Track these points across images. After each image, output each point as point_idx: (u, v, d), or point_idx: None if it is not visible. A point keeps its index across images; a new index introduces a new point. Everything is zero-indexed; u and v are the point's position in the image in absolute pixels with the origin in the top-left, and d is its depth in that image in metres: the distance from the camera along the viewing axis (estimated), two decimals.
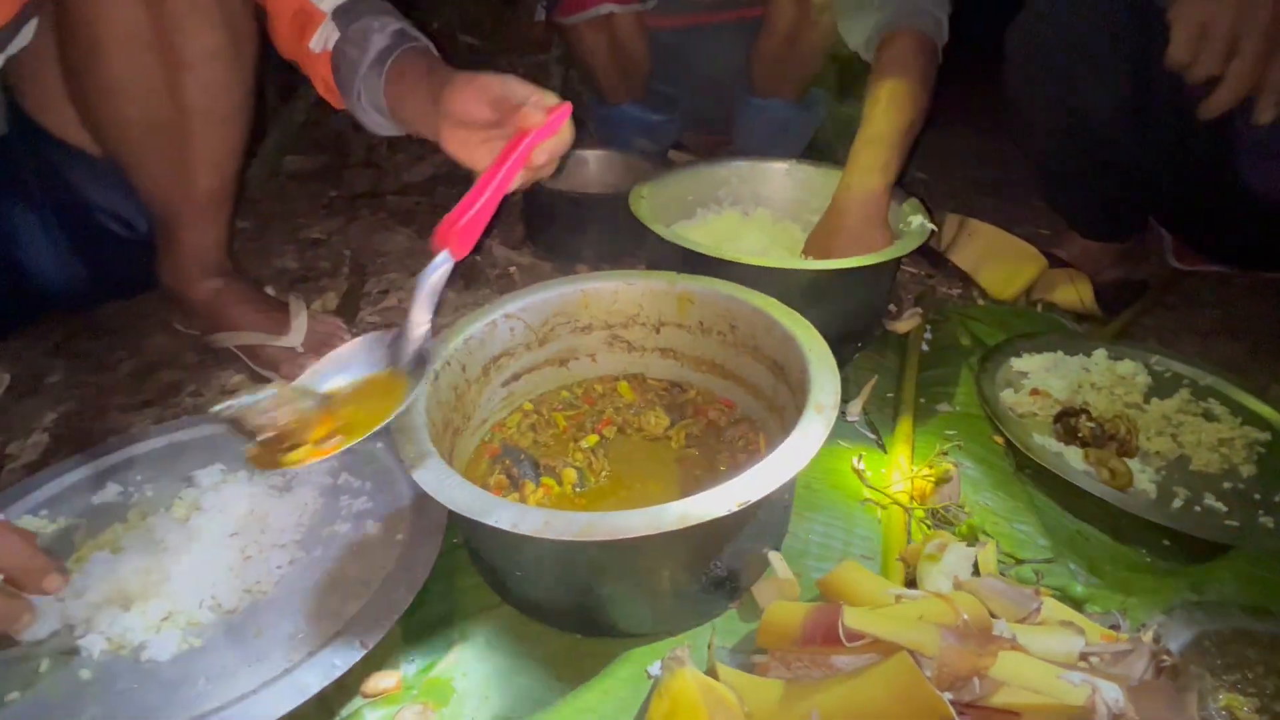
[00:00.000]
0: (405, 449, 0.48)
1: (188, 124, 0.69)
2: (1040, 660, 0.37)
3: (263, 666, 0.46)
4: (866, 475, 0.66)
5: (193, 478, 0.62)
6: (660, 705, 0.42)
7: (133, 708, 0.44)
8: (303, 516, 0.59)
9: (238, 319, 0.81)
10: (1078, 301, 0.97)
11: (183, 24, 0.64)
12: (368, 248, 1.14)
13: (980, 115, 1.68)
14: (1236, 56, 0.57)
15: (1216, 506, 0.63)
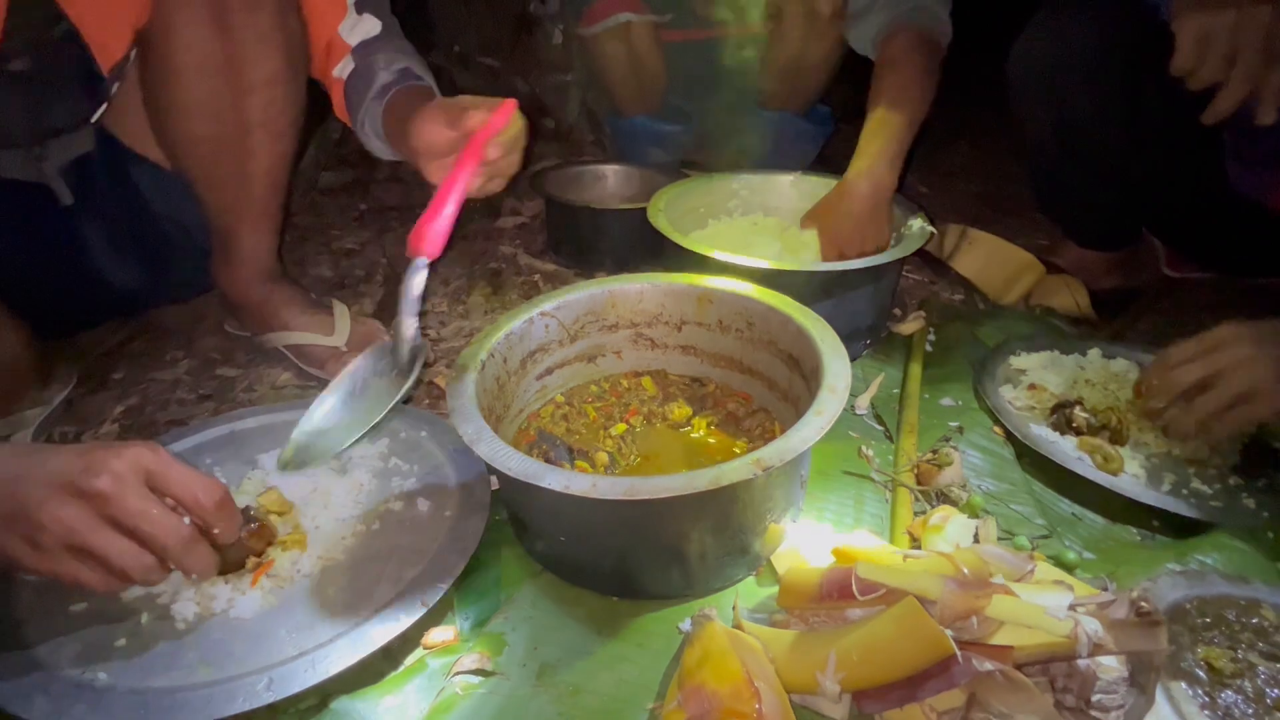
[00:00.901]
0: (464, 428, 0.54)
1: (250, 140, 0.76)
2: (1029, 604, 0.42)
3: (335, 622, 0.51)
4: (875, 461, 0.72)
5: (256, 460, 0.68)
6: (693, 653, 0.47)
7: (224, 654, 0.49)
8: (359, 495, 0.64)
9: (287, 320, 0.88)
10: (1074, 307, 1.03)
11: (251, 51, 0.71)
12: (400, 255, 1.20)
13: (980, 133, 1.75)
14: (1237, 63, 0.63)
15: (1202, 489, 0.68)
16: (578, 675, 0.50)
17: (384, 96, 0.75)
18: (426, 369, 0.91)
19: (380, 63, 0.77)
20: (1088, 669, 0.41)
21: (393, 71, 0.76)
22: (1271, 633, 0.51)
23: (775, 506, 0.55)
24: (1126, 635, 0.39)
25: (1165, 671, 0.48)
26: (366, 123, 0.78)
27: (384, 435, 0.72)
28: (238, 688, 0.46)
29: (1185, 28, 0.64)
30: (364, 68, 0.77)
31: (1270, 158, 0.82)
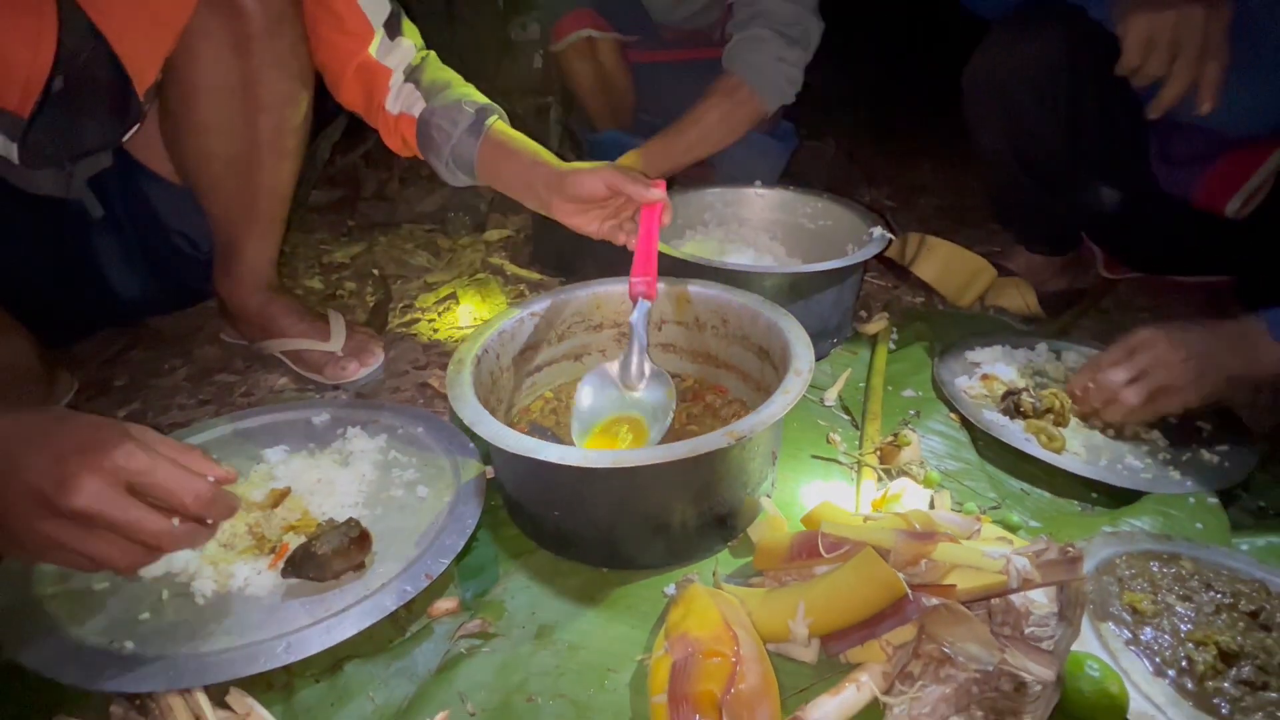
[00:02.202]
0: (465, 412, 0.59)
1: (260, 157, 0.81)
2: (970, 547, 0.48)
3: (345, 595, 0.55)
4: (841, 445, 0.78)
5: (261, 455, 0.72)
6: (677, 610, 0.52)
7: (243, 625, 0.52)
8: (362, 484, 0.68)
9: (286, 327, 0.92)
10: (1024, 307, 1.11)
11: (267, 75, 0.76)
12: (389, 269, 1.25)
13: (942, 151, 1.86)
14: (1177, 59, 0.71)
15: (1135, 464, 0.75)
16: (573, 635, 0.54)
17: (476, 136, 0.76)
18: (419, 371, 0.95)
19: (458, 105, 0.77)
20: (1022, 605, 0.47)
21: (472, 111, 0.77)
22: (1187, 579, 0.57)
23: (750, 480, 0.61)
24: (1051, 569, 0.45)
25: (1096, 615, 0.54)
26: (452, 159, 0.78)
27: (382, 431, 0.76)
28: (258, 651, 0.49)
29: (1130, 29, 0.72)
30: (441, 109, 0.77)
31: (1192, 156, 0.91)
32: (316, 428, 0.77)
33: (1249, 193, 0.86)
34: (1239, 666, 0.50)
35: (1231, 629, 0.52)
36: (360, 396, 0.89)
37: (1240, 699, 0.48)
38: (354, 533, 0.57)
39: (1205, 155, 0.89)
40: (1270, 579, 0.58)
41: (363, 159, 1.67)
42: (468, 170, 0.79)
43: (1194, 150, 0.90)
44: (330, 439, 0.75)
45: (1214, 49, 0.71)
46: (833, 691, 0.45)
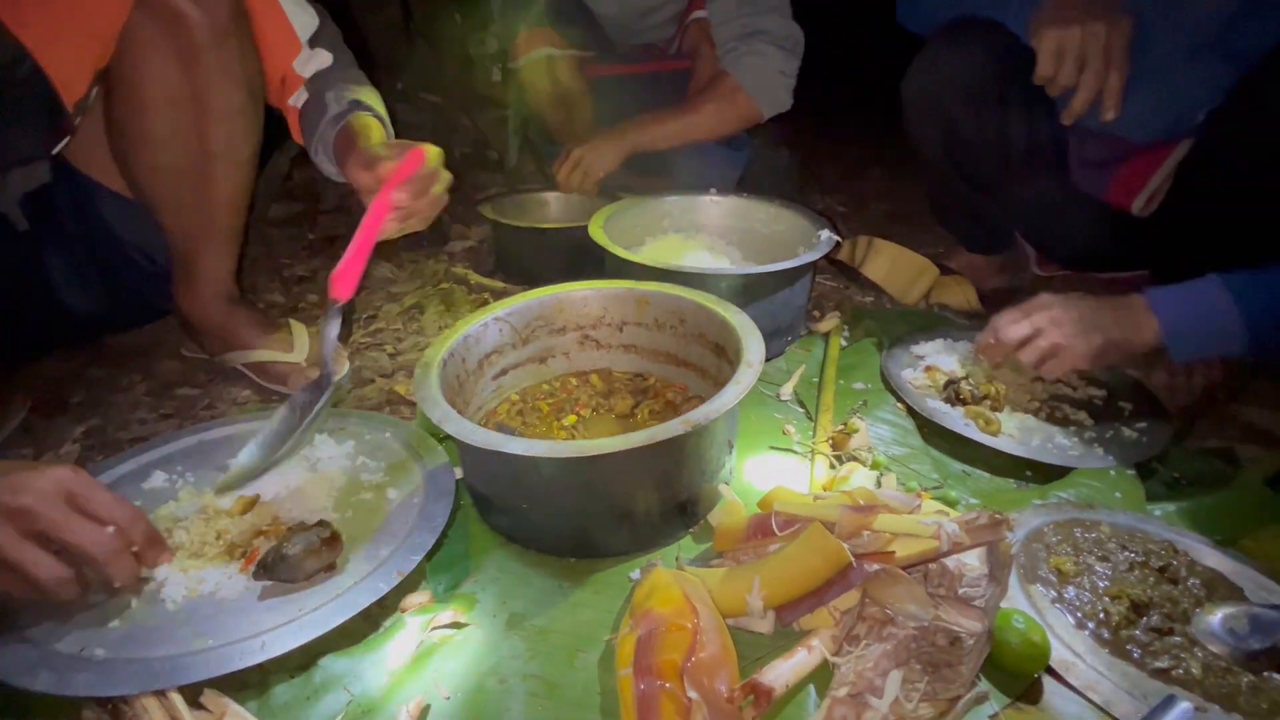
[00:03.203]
0: (433, 412, 0.61)
1: (213, 169, 0.82)
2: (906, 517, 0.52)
3: (319, 595, 0.57)
4: (796, 436, 0.82)
5: (227, 466, 0.72)
6: (642, 590, 0.55)
7: (216, 627, 0.53)
8: (331, 489, 0.69)
9: (247, 339, 0.92)
10: (965, 303, 1.18)
11: (216, 85, 0.77)
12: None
13: (892, 160, 1.95)
14: (1085, 68, 0.78)
15: (1064, 443, 0.81)
16: (543, 620, 0.56)
17: (336, 125, 0.82)
18: (385, 379, 0.96)
19: (332, 93, 0.84)
20: (955, 567, 0.52)
21: (343, 102, 0.83)
22: (1105, 542, 0.63)
23: (708, 467, 0.64)
24: (978, 532, 0.49)
25: (1026, 578, 0.59)
26: (320, 149, 0.85)
27: (349, 439, 0.77)
28: (232, 651, 0.50)
29: (1042, 42, 0.80)
30: (316, 97, 0.84)
31: (1103, 159, 0.99)
32: None
33: (1151, 192, 0.94)
34: (1148, 616, 0.55)
35: (1143, 584, 0.58)
36: None
37: (1149, 644, 0.53)
38: (325, 534, 0.58)
39: (1114, 159, 0.97)
40: (1177, 539, 0.63)
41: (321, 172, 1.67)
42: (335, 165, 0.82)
43: (1104, 154, 0.98)
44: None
45: (1116, 61, 0.78)
46: (786, 656, 0.49)
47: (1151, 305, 0.74)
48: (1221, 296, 0.71)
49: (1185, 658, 0.52)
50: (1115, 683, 0.50)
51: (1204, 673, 0.51)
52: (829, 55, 1.27)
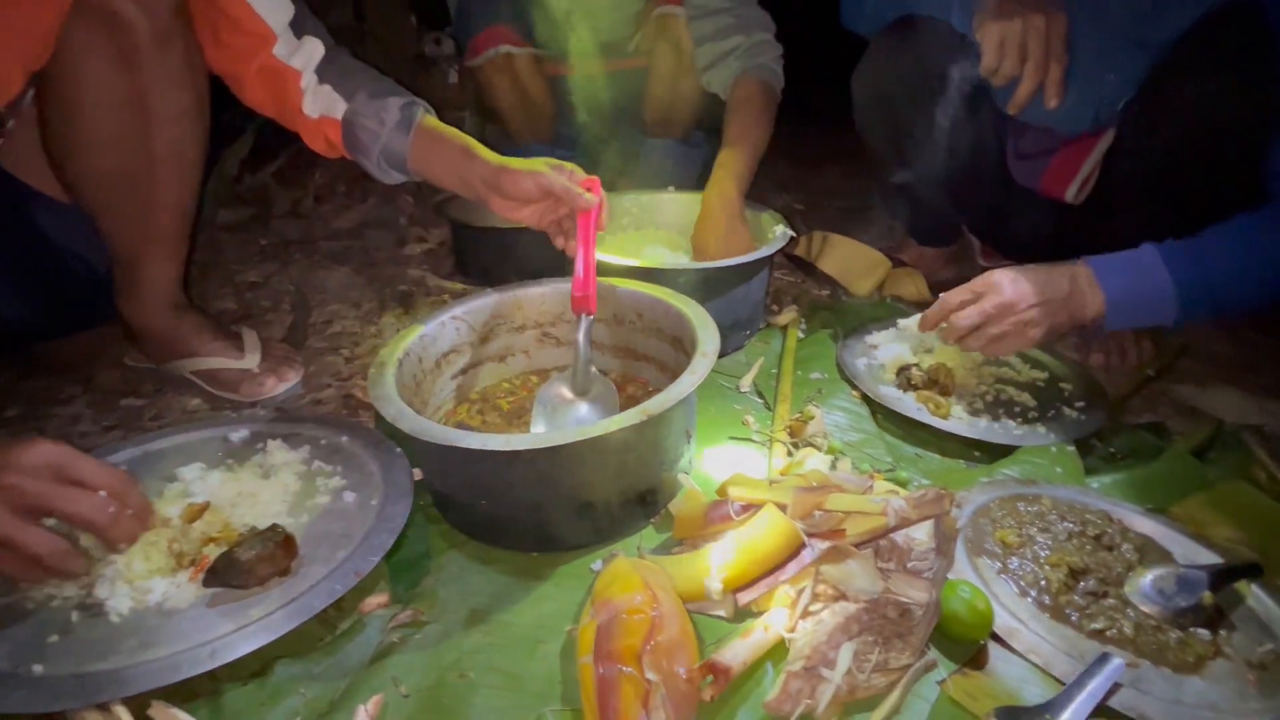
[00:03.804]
0: (387, 410, 0.60)
1: (156, 174, 0.79)
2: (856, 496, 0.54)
3: (272, 600, 0.55)
4: (754, 425, 0.84)
5: (176, 475, 0.70)
6: (603, 580, 0.56)
7: (163, 637, 0.51)
8: (286, 494, 0.68)
9: (196, 346, 0.89)
10: (917, 294, 1.22)
11: (157, 88, 0.75)
12: (308, 285, 1.23)
13: (848, 158, 2.00)
14: (1028, 60, 0.81)
15: (1009, 424, 0.84)
16: (504, 614, 0.56)
17: (408, 129, 0.76)
18: (343, 383, 0.95)
19: (380, 102, 0.77)
20: (904, 542, 0.54)
21: (397, 108, 0.77)
22: (1046, 514, 0.66)
23: (667, 457, 0.65)
24: (923, 507, 0.51)
25: (973, 551, 0.61)
26: (380, 154, 0.78)
27: (305, 443, 0.75)
28: (181, 660, 0.49)
29: (986, 36, 0.83)
30: (364, 107, 0.76)
31: (1038, 151, 1.04)
32: (235, 444, 0.76)
33: (1082, 180, 0.99)
34: (1085, 581, 0.58)
35: (1080, 551, 0.61)
36: (281, 412, 0.88)
37: (1086, 607, 0.56)
38: (278, 538, 0.57)
39: (1047, 150, 1.02)
40: (1112, 509, 0.67)
41: (274, 176, 1.63)
42: (400, 167, 0.79)
43: (1038, 146, 1.03)
44: (250, 454, 0.74)
45: (1055, 51, 0.82)
46: (743, 635, 0.50)
47: (1098, 277, 0.77)
48: (1157, 266, 0.75)
49: (1119, 618, 0.55)
50: (1055, 645, 0.52)
51: (1136, 631, 0.54)
52: (788, 55, 1.31)
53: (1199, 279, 0.74)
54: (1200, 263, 0.74)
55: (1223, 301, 0.75)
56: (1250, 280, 0.74)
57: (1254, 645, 0.53)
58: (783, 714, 0.45)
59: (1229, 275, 0.73)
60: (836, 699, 0.46)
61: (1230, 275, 0.73)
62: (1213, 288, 0.74)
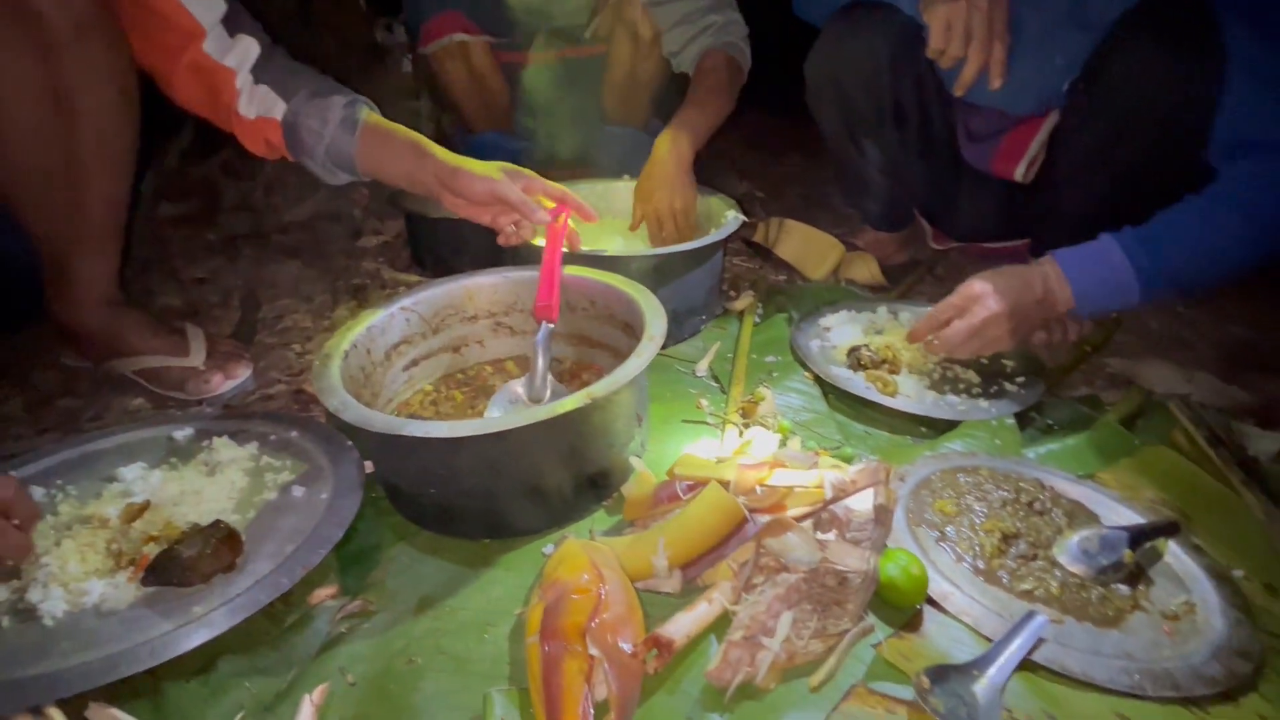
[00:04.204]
0: (330, 401, 0.59)
1: (82, 169, 0.76)
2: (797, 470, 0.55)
3: (215, 596, 0.55)
4: (708, 408, 0.85)
5: (116, 475, 0.68)
6: (552, 562, 0.56)
7: (100, 639, 0.50)
8: (232, 491, 0.67)
9: (136, 344, 0.87)
10: (870, 277, 1.25)
11: (78, 82, 0.72)
12: (257, 280, 1.20)
13: (807, 147, 2.02)
14: (972, 41, 0.84)
15: (953, 399, 0.87)
16: (454, 600, 0.57)
17: (353, 129, 0.75)
18: (294, 378, 0.93)
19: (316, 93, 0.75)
20: (844, 514, 0.55)
21: (342, 103, 0.76)
22: (983, 484, 0.68)
23: (617, 440, 0.66)
24: (860, 477, 0.53)
25: (913, 521, 0.64)
26: (325, 155, 0.76)
27: (252, 439, 0.74)
28: (118, 659, 0.48)
29: (933, 18, 0.85)
30: (304, 107, 0.75)
31: (987, 132, 1.07)
32: (179, 442, 0.74)
33: (1030, 160, 1.03)
34: (1017, 545, 0.61)
35: (1013, 517, 0.64)
36: (229, 409, 0.86)
37: (1017, 569, 0.59)
38: (220, 534, 0.56)
39: (996, 131, 1.05)
40: (1045, 476, 0.70)
41: (220, 168, 1.58)
42: (347, 167, 0.77)
43: (988, 128, 1.06)
44: (195, 452, 0.72)
45: (999, 32, 0.85)
46: (687, 609, 0.51)
47: (1065, 272, 0.79)
48: (1118, 258, 0.77)
49: (1047, 578, 0.57)
50: (986, 606, 0.55)
51: (1061, 590, 0.56)
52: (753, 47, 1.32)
53: (1159, 264, 0.76)
54: (1159, 248, 0.76)
55: (1183, 282, 0.77)
56: (1207, 260, 0.76)
57: (1169, 598, 0.57)
58: (723, 682, 0.47)
59: (1187, 257, 0.76)
60: (775, 665, 0.47)
61: (1188, 257, 0.76)
62: (1173, 270, 0.76)
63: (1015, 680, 0.49)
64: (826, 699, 0.47)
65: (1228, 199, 0.75)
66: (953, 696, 0.46)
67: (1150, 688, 0.48)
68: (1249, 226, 0.73)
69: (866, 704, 0.46)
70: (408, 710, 0.47)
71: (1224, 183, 0.76)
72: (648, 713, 0.47)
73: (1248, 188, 0.74)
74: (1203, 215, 0.75)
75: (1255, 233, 0.73)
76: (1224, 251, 0.75)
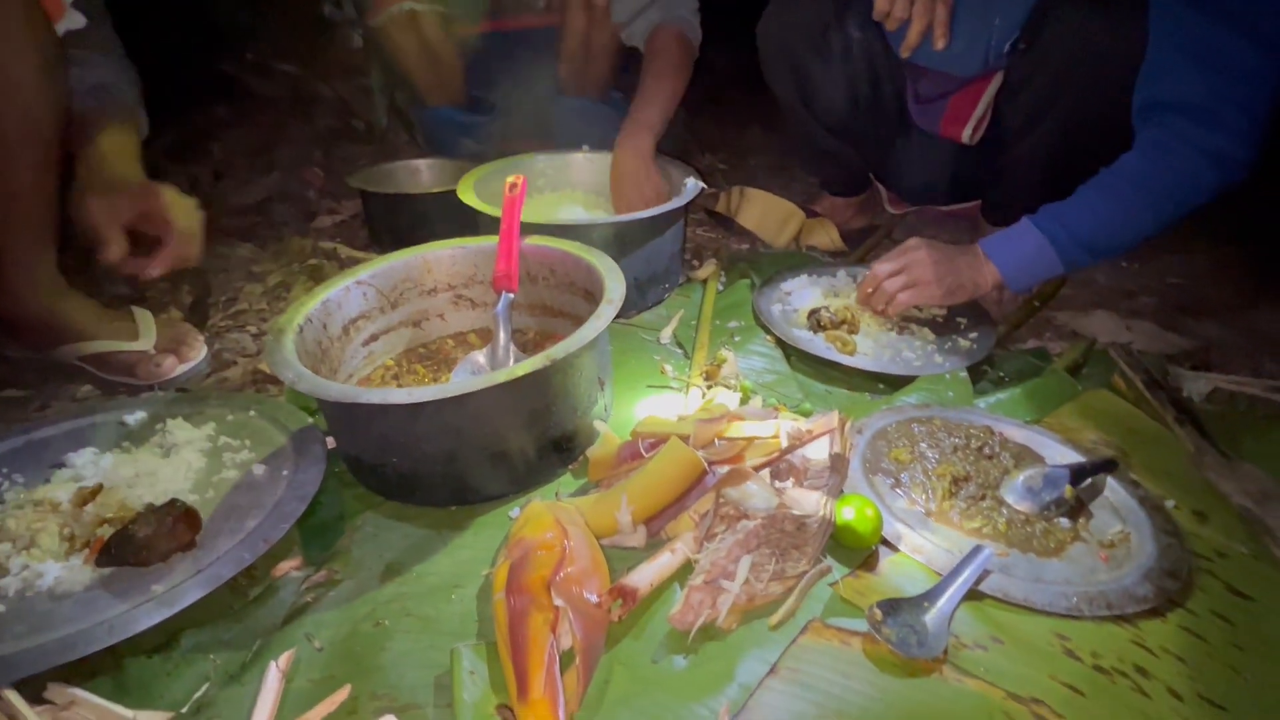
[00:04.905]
0: (285, 374, 0.58)
1: (6, 149, 0.73)
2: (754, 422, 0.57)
3: (176, 574, 0.54)
4: (672, 373, 0.86)
5: (65, 460, 0.66)
6: (518, 523, 0.57)
7: (55, 621, 0.49)
8: (189, 472, 0.66)
9: (81, 330, 0.84)
10: (830, 243, 1.26)
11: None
12: (209, 263, 1.17)
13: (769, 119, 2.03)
14: (916, 2, 0.85)
15: (909, 356, 0.90)
16: (421, 565, 0.57)
17: (98, 100, 0.76)
18: (250, 359, 0.91)
19: (78, 69, 0.76)
20: (801, 463, 0.57)
21: (86, 82, 0.76)
22: (936, 432, 0.71)
23: (579, 403, 0.66)
24: (816, 426, 0.55)
25: (870, 470, 0.66)
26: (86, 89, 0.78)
27: (209, 421, 0.73)
28: (76, 639, 0.47)
29: None
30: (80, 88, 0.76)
31: (935, 95, 1.09)
32: (131, 426, 0.72)
33: (976, 121, 1.05)
34: (966, 487, 0.63)
35: (963, 461, 0.66)
36: (183, 392, 0.84)
37: (967, 509, 0.61)
38: (176, 511, 0.55)
39: (944, 93, 1.07)
40: (994, 423, 0.73)
41: (164, 153, 1.52)
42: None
43: (935, 90, 1.07)
44: (148, 435, 0.71)
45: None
46: (651, 559, 0.52)
47: (989, 255, 0.86)
48: (1035, 236, 0.82)
49: (994, 516, 0.60)
50: (937, 544, 0.57)
51: (1008, 526, 0.59)
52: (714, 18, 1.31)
53: (1073, 238, 0.81)
54: (1070, 224, 0.81)
55: (1098, 250, 0.82)
56: (1114, 230, 0.81)
57: (1107, 528, 0.60)
58: (686, 625, 0.48)
59: (1096, 229, 0.81)
60: (736, 607, 0.49)
61: (1096, 229, 0.81)
62: (1086, 242, 0.81)
63: (963, 609, 0.51)
64: (786, 636, 0.49)
65: (1127, 174, 0.79)
66: (904, 626, 0.48)
67: (1086, 609, 0.51)
68: (1151, 197, 0.77)
69: (822, 637, 0.48)
70: (376, 670, 0.47)
71: (1130, 156, 0.79)
72: (614, 658, 0.48)
73: (1149, 160, 0.78)
74: (1106, 190, 0.80)
75: (1158, 202, 0.77)
76: (1128, 222, 0.80)
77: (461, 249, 0.84)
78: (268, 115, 1.77)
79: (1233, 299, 1.08)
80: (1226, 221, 1.30)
